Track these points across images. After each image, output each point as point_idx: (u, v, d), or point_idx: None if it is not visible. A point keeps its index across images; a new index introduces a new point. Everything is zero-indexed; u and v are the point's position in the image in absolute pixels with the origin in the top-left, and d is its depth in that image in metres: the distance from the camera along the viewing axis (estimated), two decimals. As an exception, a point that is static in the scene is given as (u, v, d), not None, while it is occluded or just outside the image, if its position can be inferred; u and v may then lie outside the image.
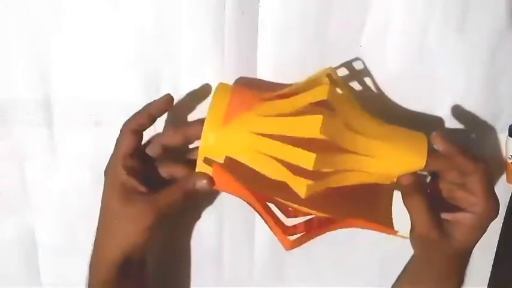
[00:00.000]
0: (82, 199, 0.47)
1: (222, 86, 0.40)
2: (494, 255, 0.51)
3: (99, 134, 0.45)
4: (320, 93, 0.35)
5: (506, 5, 0.43)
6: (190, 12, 0.42)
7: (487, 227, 0.40)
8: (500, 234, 0.50)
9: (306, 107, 0.36)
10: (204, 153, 0.39)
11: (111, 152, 0.45)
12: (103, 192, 0.41)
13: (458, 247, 0.40)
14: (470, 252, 0.42)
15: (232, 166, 0.38)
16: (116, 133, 0.45)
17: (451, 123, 0.46)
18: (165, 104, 0.41)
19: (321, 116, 0.34)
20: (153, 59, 0.43)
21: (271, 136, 0.36)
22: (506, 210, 0.50)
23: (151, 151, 0.42)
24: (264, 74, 0.44)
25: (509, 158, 0.47)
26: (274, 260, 0.50)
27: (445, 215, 0.40)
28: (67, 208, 0.47)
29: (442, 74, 0.45)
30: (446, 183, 0.41)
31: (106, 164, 0.45)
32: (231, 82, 0.44)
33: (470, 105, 0.46)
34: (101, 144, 0.45)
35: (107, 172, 0.41)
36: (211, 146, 0.38)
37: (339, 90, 0.39)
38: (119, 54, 0.43)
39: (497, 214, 0.39)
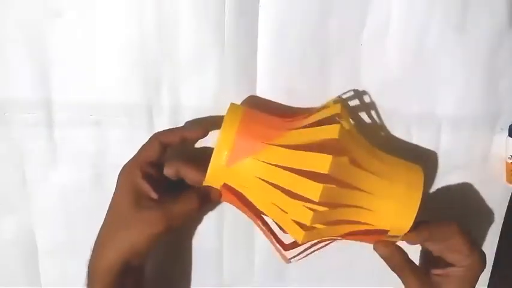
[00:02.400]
0: (82, 199, 0.47)
1: (230, 117, 0.39)
2: (494, 255, 0.51)
3: (99, 134, 0.45)
4: (332, 132, 0.37)
5: (506, 5, 0.43)
6: (190, 12, 0.42)
7: (478, 278, 0.42)
8: (500, 234, 0.50)
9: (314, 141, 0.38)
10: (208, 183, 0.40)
11: (111, 151, 0.45)
12: (114, 194, 0.41)
13: None
14: None
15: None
16: (116, 133, 0.45)
17: (451, 123, 0.46)
18: (201, 134, 0.41)
19: (330, 156, 0.36)
20: (153, 59, 0.43)
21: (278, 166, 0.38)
22: (506, 210, 0.50)
23: (167, 172, 0.42)
24: (264, 74, 0.44)
25: (509, 158, 0.47)
26: (274, 260, 0.50)
27: (436, 271, 0.42)
28: (67, 208, 0.47)
29: (442, 74, 0.45)
30: (432, 247, 0.43)
31: (105, 164, 0.46)
32: (230, 82, 0.44)
33: (470, 105, 0.46)
34: (101, 144, 0.45)
35: (121, 173, 0.41)
36: (217, 180, 0.39)
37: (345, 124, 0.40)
38: (119, 54, 0.43)
39: (485, 265, 0.41)
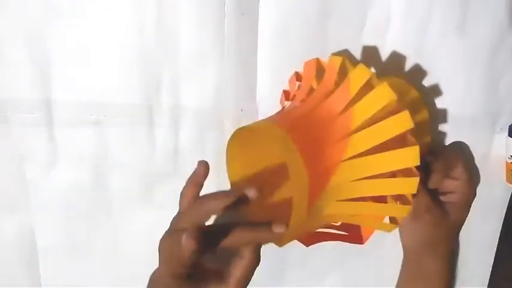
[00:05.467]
0: (82, 199, 0.47)
1: (294, 163, 0.33)
2: (494, 255, 0.51)
3: (99, 134, 0.45)
4: (406, 123, 0.34)
5: (506, 5, 0.43)
6: (190, 13, 0.42)
7: (471, 205, 0.46)
8: (500, 234, 0.50)
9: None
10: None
11: (111, 151, 0.45)
12: (159, 263, 0.36)
13: (454, 223, 0.47)
14: (459, 229, 0.48)
15: None
16: (116, 133, 0.45)
17: (451, 123, 0.46)
18: (203, 176, 0.37)
19: (417, 146, 0.34)
20: (153, 59, 0.43)
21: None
22: (506, 210, 0.50)
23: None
24: (264, 74, 0.44)
25: (509, 158, 0.47)
26: (274, 260, 0.50)
27: (440, 198, 0.46)
28: (67, 208, 0.47)
29: (442, 74, 0.45)
30: (435, 177, 0.44)
31: (105, 164, 0.46)
32: (230, 82, 0.44)
33: (470, 105, 0.46)
34: (101, 144, 0.45)
35: (161, 247, 0.35)
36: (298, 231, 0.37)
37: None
38: (119, 54, 0.43)
39: (475, 194, 0.46)
